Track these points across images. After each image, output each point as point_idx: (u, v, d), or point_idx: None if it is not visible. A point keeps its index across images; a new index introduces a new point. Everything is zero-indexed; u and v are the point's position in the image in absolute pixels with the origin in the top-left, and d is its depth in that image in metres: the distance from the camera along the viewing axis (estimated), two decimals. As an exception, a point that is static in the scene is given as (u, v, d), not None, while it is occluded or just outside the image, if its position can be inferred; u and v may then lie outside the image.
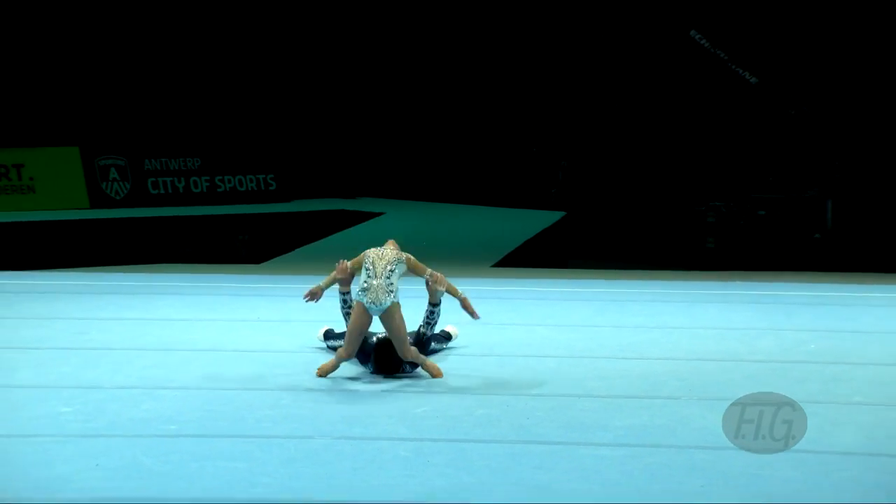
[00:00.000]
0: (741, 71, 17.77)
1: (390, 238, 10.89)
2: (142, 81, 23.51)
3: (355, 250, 18.04)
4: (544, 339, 11.30)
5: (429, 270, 10.55)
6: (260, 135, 24.25)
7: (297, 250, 18.50)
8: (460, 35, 23.13)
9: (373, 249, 10.44)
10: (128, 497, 7.51)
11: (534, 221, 20.74)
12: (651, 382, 10.17)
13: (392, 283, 10.13)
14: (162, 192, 23.55)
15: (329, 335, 11.30)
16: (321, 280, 10.53)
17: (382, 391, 9.87)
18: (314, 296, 10.66)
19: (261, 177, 24.19)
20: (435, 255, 18.35)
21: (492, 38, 22.76)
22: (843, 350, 11.34)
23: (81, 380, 10.15)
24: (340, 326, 10.89)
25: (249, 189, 24.05)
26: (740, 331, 12.21)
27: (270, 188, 24.17)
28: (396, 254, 10.39)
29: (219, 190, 23.86)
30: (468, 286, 14.89)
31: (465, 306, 10.72)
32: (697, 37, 17.96)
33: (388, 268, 10.21)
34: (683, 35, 18.05)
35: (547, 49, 22.27)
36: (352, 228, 20.71)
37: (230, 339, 11.69)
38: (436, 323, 10.77)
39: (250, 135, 24.19)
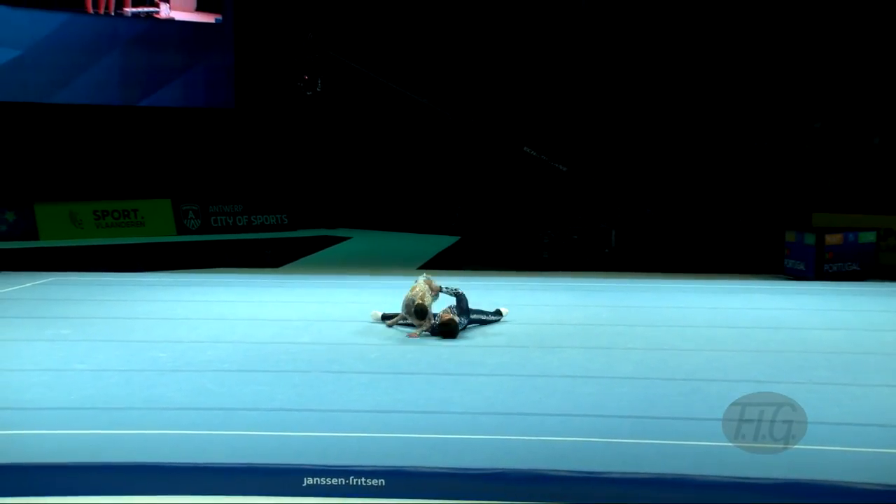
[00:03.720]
0: (557, 165, 17.91)
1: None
2: (208, 161, 23.40)
3: (336, 261, 18.21)
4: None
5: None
6: (277, 191, 24.16)
7: (300, 259, 18.41)
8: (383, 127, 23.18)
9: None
10: (199, 406, 7.49)
11: (442, 242, 20.78)
12: (509, 337, 10.18)
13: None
14: (220, 225, 23.35)
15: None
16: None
17: (350, 343, 9.82)
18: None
19: (279, 215, 24.06)
20: (383, 261, 18.37)
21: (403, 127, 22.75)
22: (623, 317, 11.37)
23: (170, 337, 10.06)
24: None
25: (272, 223, 23.92)
26: (562, 307, 12.22)
27: (284, 222, 24.05)
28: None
29: (254, 223, 23.69)
30: (404, 280, 14.90)
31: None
32: (528, 150, 18.07)
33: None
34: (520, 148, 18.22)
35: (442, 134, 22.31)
36: (332, 247, 20.61)
37: (259, 313, 11.59)
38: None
39: (271, 191, 24.10)
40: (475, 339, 10.06)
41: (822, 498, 5.83)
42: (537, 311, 11.90)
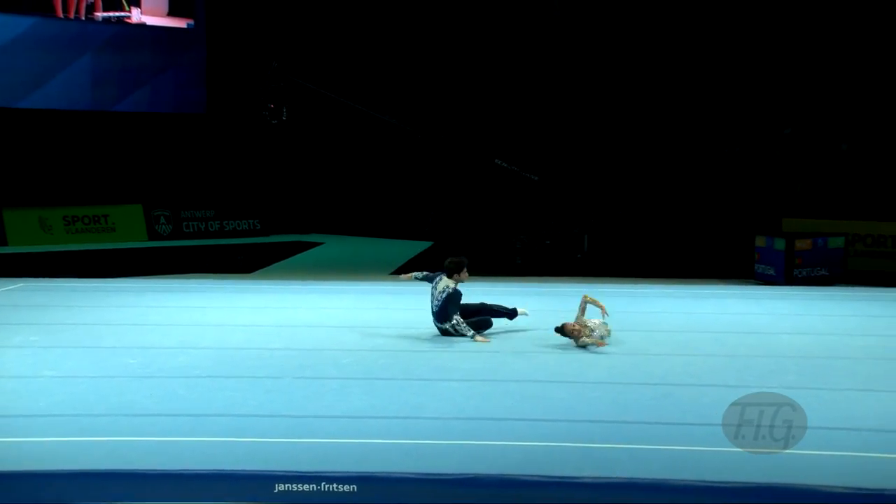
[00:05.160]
0: (528, 174, 17.89)
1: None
2: (179, 166, 23.29)
3: (308, 267, 18.14)
4: (417, 316, 11.26)
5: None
6: (250, 196, 24.04)
7: (273, 265, 18.34)
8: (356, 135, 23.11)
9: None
10: (170, 412, 7.43)
11: (415, 247, 20.74)
12: (480, 344, 10.10)
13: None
14: (191, 230, 23.20)
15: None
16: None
17: (323, 349, 9.77)
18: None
19: (251, 221, 23.92)
20: (355, 267, 18.31)
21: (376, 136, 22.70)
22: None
23: (141, 343, 9.99)
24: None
25: (244, 228, 23.78)
26: (534, 311, 12.04)
27: (257, 228, 23.92)
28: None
29: (226, 229, 23.54)
30: (376, 285, 14.91)
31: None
32: (499, 161, 18.05)
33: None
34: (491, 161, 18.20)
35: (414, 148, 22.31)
36: (304, 252, 20.51)
37: (231, 319, 11.54)
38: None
39: (244, 196, 23.98)
40: (448, 345, 10.05)
41: (794, 499, 5.86)
42: (510, 316, 11.92)
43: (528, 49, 21.84)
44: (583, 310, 10.02)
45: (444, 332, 10.35)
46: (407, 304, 12.84)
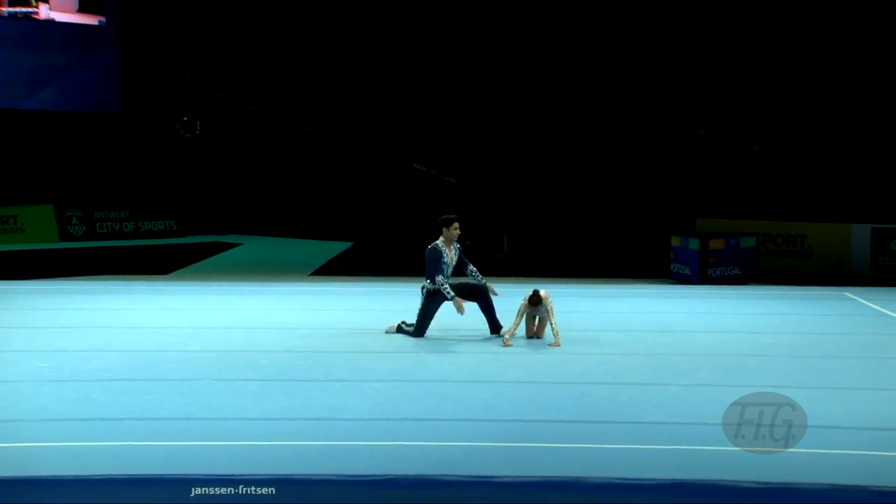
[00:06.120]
0: (447, 177, 17.95)
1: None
2: (92, 165, 22.83)
3: (226, 268, 17.91)
4: (338, 318, 11.20)
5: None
6: (165, 196, 23.66)
7: (190, 266, 18.05)
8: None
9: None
10: (83, 416, 7.29)
11: (334, 248, 20.62)
12: (402, 343, 10.17)
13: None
14: (105, 231, 22.75)
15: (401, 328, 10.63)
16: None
17: (241, 351, 9.67)
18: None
19: (167, 221, 23.54)
20: (274, 268, 18.13)
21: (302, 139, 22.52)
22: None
23: (53, 346, 9.76)
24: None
25: (160, 229, 23.39)
26: (454, 312, 12.17)
27: (173, 228, 23.54)
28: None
29: (141, 230, 23.15)
30: (296, 286, 14.81)
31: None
32: (417, 165, 18.08)
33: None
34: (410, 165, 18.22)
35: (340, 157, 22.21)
36: (222, 253, 20.24)
37: (147, 321, 11.33)
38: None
39: (159, 196, 23.59)
40: (368, 345, 10.02)
41: (708, 496, 5.98)
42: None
43: (446, 53, 21.90)
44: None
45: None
46: (326, 305, 12.78)
